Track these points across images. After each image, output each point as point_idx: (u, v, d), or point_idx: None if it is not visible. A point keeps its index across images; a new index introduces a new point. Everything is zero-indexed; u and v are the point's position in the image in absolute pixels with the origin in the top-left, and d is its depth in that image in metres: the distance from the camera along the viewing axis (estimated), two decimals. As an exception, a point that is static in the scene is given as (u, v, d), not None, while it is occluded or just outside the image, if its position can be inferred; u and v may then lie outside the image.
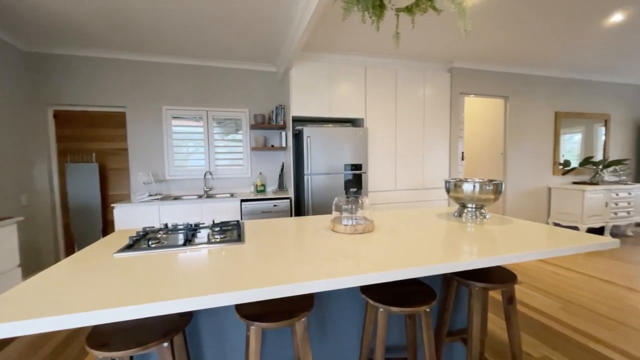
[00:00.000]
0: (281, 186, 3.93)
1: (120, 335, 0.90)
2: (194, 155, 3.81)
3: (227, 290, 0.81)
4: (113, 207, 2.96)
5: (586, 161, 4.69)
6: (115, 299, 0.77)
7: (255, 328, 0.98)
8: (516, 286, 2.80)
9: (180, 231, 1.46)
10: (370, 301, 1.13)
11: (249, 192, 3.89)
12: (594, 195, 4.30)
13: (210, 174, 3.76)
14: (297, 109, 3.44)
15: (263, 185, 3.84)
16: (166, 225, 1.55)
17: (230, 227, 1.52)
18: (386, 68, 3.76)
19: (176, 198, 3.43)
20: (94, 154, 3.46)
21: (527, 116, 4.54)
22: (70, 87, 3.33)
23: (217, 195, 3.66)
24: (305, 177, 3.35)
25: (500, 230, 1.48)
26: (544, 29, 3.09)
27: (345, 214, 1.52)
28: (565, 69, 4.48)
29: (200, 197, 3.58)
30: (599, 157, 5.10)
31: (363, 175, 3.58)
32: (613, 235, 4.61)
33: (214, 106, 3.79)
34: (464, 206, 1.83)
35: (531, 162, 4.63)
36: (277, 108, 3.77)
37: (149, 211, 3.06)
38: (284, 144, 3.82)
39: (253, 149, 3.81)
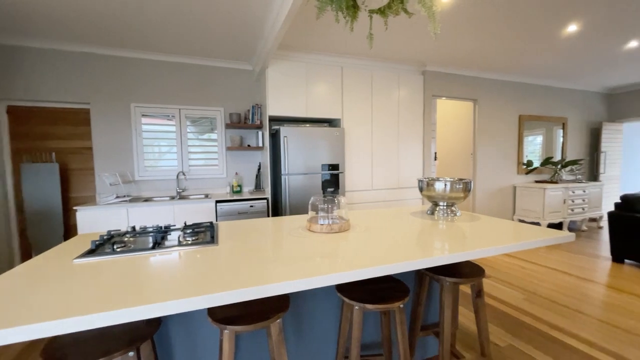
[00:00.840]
0: (258, 186, 3.87)
1: (80, 346, 0.84)
2: (167, 155, 3.66)
3: (198, 294, 0.78)
4: (75, 210, 2.77)
5: (546, 161, 5.03)
6: (73, 308, 0.72)
7: (228, 332, 0.96)
8: (485, 280, 2.95)
9: (149, 234, 1.39)
10: (346, 299, 1.14)
11: (224, 192, 3.79)
12: (554, 193, 4.62)
13: (184, 174, 3.63)
14: (273, 109, 3.40)
15: (239, 185, 3.76)
16: (134, 228, 1.48)
17: (203, 229, 1.47)
18: (362, 69, 3.82)
19: (147, 200, 3.28)
20: (53, 154, 3.22)
21: (494, 119, 4.79)
22: (26, 81, 3.08)
23: (191, 197, 3.54)
24: (283, 177, 3.33)
25: (470, 227, 1.54)
26: (508, 37, 3.28)
27: (321, 214, 1.52)
28: (527, 74, 4.77)
29: (172, 198, 3.45)
30: (557, 157, 5.48)
31: (340, 175, 3.61)
32: (570, 229, 4.97)
33: (188, 104, 3.66)
34: (436, 204, 1.90)
35: (498, 162, 4.89)
36: (253, 107, 3.71)
37: (116, 214, 2.90)
38: (260, 144, 3.77)
39: (229, 148, 3.72)
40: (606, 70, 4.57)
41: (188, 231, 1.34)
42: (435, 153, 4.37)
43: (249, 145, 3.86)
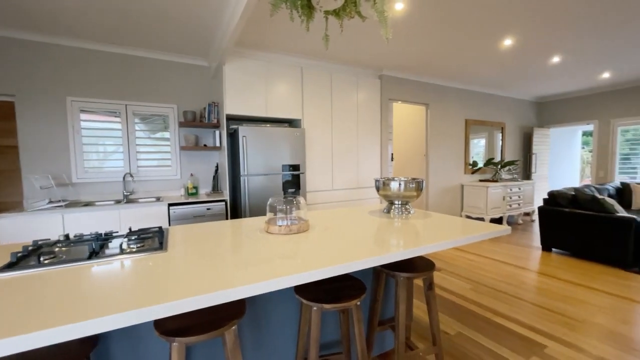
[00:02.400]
0: (215, 188, 3.70)
1: (-6, 376, 0.72)
2: (114, 155, 3.34)
3: (138, 307, 0.72)
4: (-4, 218, 2.41)
5: (489, 162, 5.53)
6: (-19, 333, 0.62)
7: (177, 344, 0.89)
8: (437, 273, 3.14)
9: (85, 242, 1.25)
10: (304, 301, 1.13)
11: (178, 195, 3.57)
12: (495, 190, 5.09)
13: (131, 175, 3.34)
14: (231, 107, 3.28)
15: (195, 187, 3.57)
16: (67, 236, 1.32)
17: (150, 235, 1.36)
18: (322, 71, 3.85)
19: (87, 204, 2.96)
20: (-34, 153, 2.76)
21: (444, 122, 5.15)
22: None
23: (140, 200, 3.28)
24: (242, 178, 3.22)
25: (422, 224, 1.63)
26: (454, 47, 3.54)
27: (279, 215, 1.50)
28: (472, 83, 5.20)
29: (118, 202, 3.16)
30: (498, 158, 6.06)
31: (301, 175, 3.60)
32: (509, 223, 5.52)
33: (136, 100, 3.38)
34: (391, 203, 1.97)
35: (448, 162, 5.26)
36: (209, 105, 3.54)
37: (48, 221, 2.57)
38: (218, 144, 3.61)
39: (183, 148, 3.51)
40: (535, 81, 5.16)
41: (133, 238, 1.23)
42: (392, 154, 4.56)
43: (205, 145, 3.68)
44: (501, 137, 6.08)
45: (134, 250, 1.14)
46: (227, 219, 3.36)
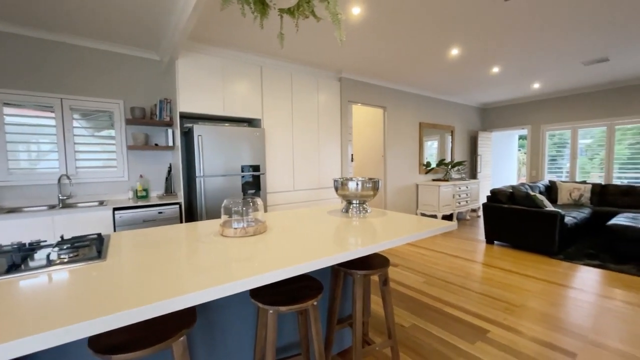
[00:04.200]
0: (169, 190, 3.48)
1: None
2: (49, 155, 2.97)
3: (64, 324, 0.64)
4: None
5: (440, 162, 5.93)
6: None
7: (116, 361, 0.81)
8: (394, 268, 3.28)
9: (3, 254, 1.09)
10: (260, 304, 1.10)
11: (126, 198, 3.29)
12: (446, 189, 5.47)
13: (68, 178, 3.00)
14: (185, 105, 3.11)
15: (145, 190, 3.32)
16: (-19, 248, 1.14)
17: (86, 243, 1.22)
18: (282, 71, 3.82)
19: (12, 210, 2.59)
20: None
21: (400, 124, 5.40)
22: None
23: (80, 204, 2.97)
24: (198, 180, 3.07)
25: (378, 222, 1.69)
26: (408, 54, 3.74)
27: (235, 217, 1.45)
28: (425, 88, 5.53)
29: (52, 207, 2.82)
30: (448, 159, 6.52)
31: (261, 176, 3.53)
32: (458, 219, 5.96)
33: (74, 94, 3.04)
34: (350, 202, 2.02)
35: (404, 163, 5.53)
36: (161, 102, 3.32)
37: (-40, 231, 2.21)
38: (170, 143, 3.40)
39: (130, 147, 3.24)
40: (480, 89, 5.65)
41: (64, 247, 1.10)
42: (352, 155, 4.67)
43: (156, 145, 3.44)
44: (451, 139, 6.55)
45: (65, 260, 1.02)
46: (181, 222, 3.17)
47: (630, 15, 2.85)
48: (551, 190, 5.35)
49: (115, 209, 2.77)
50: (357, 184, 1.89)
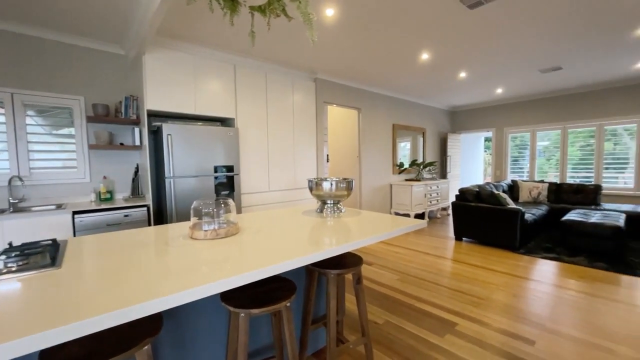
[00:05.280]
0: (136, 192, 3.30)
1: None
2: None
3: (4, 340, 0.59)
4: None
5: (413, 163, 6.12)
6: None
7: (72, 376, 0.76)
8: (368, 267, 3.34)
9: (-60, 265, 0.98)
10: (231, 308, 1.08)
11: (88, 201, 3.08)
12: (418, 189, 5.66)
13: (21, 179, 2.76)
14: (154, 102, 2.97)
15: (109, 192, 3.13)
16: None
17: (39, 249, 1.13)
18: (256, 70, 3.76)
19: (-49, 216, 2.34)
20: None
21: (374, 126, 5.52)
22: None
23: (34, 208, 2.74)
24: (167, 181, 2.94)
25: (352, 222, 1.71)
26: (381, 57, 3.83)
27: (206, 219, 1.40)
28: (398, 91, 5.69)
29: (2, 212, 2.58)
30: (420, 160, 6.75)
31: (235, 177, 3.46)
32: (430, 218, 6.19)
33: (27, 88, 2.81)
34: (324, 202, 2.03)
35: (378, 163, 5.65)
36: (127, 99, 3.15)
37: None
38: (137, 142, 3.23)
39: (92, 147, 3.04)
40: (449, 92, 5.91)
41: (13, 254, 1.01)
42: (328, 155, 4.70)
43: (121, 144, 3.26)
44: (422, 141, 6.78)
45: (13, 269, 0.93)
46: (150, 225, 3.02)
47: (580, 29, 3.11)
48: (513, 189, 5.70)
49: (75, 213, 2.59)
50: (331, 184, 1.91)
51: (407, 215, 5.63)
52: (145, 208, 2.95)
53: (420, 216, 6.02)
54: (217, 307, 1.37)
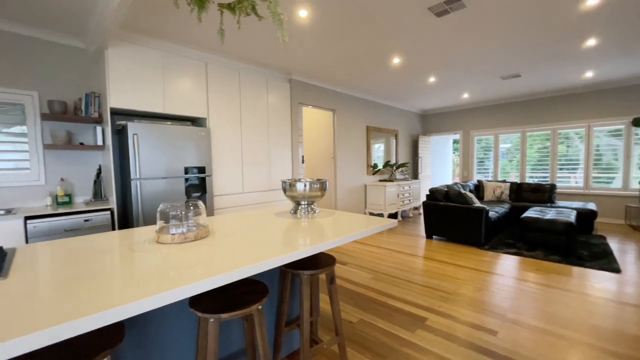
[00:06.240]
0: (98, 195, 3.10)
1: None
2: None
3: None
4: None
5: (386, 164, 6.28)
6: None
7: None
8: (343, 266, 3.38)
9: None
10: (199, 313, 1.05)
11: (42, 205, 2.85)
12: (391, 189, 5.81)
13: (-38, 182, 2.50)
14: (118, 100, 2.82)
15: (68, 195, 2.92)
16: None
17: (-17, 259, 1.03)
18: (229, 69, 3.68)
19: None
20: None
21: (349, 127, 5.60)
22: None
23: (-22, 214, 2.49)
24: (133, 183, 2.80)
25: (325, 222, 1.72)
26: (352, 60, 3.90)
27: (174, 222, 1.35)
28: (371, 94, 5.82)
29: (-62, 218, 2.32)
30: (393, 161, 6.94)
31: (207, 178, 3.36)
32: (403, 217, 6.38)
33: (-31, 82, 2.55)
34: (298, 203, 2.02)
35: (353, 164, 5.74)
36: (87, 96, 2.96)
37: None
38: (100, 142, 3.04)
39: (48, 147, 2.82)
40: (419, 96, 6.13)
41: (-50, 265, 0.91)
42: (303, 156, 4.70)
43: (81, 144, 3.05)
44: (395, 142, 6.98)
45: (-50, 281, 0.84)
46: (114, 230, 2.86)
47: (536, 41, 3.35)
48: (479, 189, 6.03)
49: (27, 218, 2.39)
50: (305, 185, 1.91)
51: (381, 215, 5.76)
52: (108, 212, 2.78)
53: (393, 216, 6.18)
54: (186, 314, 1.32)
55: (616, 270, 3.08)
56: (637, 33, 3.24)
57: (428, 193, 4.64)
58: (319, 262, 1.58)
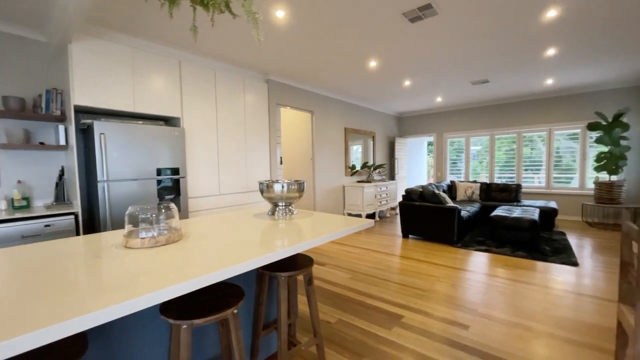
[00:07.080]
0: (60, 198, 2.91)
1: None
2: None
3: None
4: None
5: (364, 165, 6.38)
6: None
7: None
8: (321, 267, 3.39)
9: None
10: (171, 320, 1.01)
11: (-5, 210, 2.63)
12: (369, 190, 5.91)
13: None
14: (83, 98, 2.66)
15: (25, 199, 2.71)
16: None
17: None
18: (205, 67, 3.59)
19: None
20: None
21: (327, 129, 5.64)
22: None
23: None
24: (100, 185, 2.65)
25: (303, 223, 1.71)
26: (332, 62, 3.93)
27: (144, 226, 1.29)
28: (349, 95, 5.90)
29: None
30: (371, 162, 7.06)
31: (182, 180, 3.25)
32: (380, 217, 6.50)
33: None
34: (276, 205, 2.00)
35: (332, 166, 5.77)
36: (48, 92, 2.76)
37: None
38: (62, 142, 2.85)
39: (4, 146, 2.61)
40: (396, 99, 6.29)
41: None
42: (281, 157, 4.67)
43: (42, 143, 2.85)
44: (373, 144, 7.11)
45: None
46: (78, 235, 2.68)
47: (502, 48, 3.55)
48: (452, 189, 6.27)
49: (-23, 224, 2.19)
50: (282, 186, 1.89)
51: (359, 216, 5.84)
52: (72, 216, 2.61)
53: (371, 216, 6.28)
54: (157, 321, 1.27)
55: (574, 264, 3.32)
56: (591, 45, 3.52)
57: (404, 193, 4.76)
58: (297, 263, 1.58)
